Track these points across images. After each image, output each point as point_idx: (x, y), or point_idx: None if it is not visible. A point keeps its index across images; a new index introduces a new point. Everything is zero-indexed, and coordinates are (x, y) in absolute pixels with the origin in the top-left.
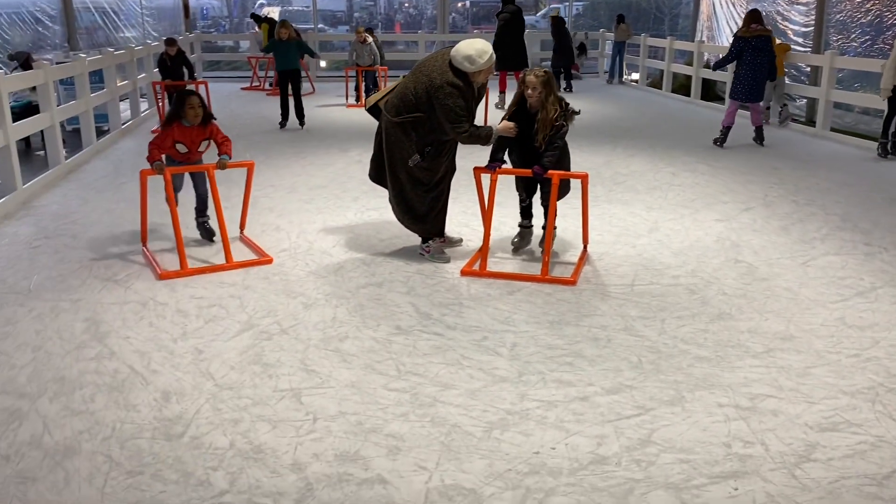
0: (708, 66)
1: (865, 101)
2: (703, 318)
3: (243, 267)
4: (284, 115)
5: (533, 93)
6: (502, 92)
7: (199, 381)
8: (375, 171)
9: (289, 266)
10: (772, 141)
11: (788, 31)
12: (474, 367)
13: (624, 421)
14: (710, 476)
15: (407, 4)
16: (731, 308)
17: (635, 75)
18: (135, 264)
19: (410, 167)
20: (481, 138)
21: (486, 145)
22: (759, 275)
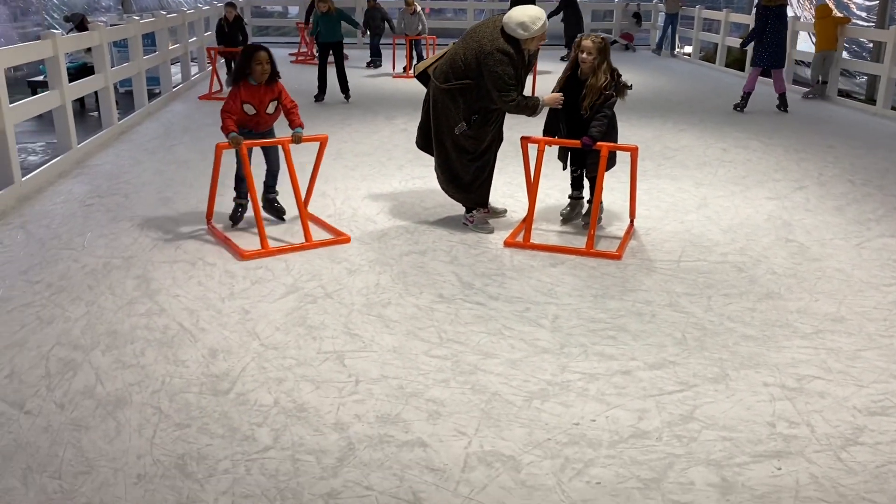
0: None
1: None
2: (751, 296)
3: (323, 246)
4: (322, 87)
5: (587, 58)
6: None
7: (246, 340)
8: (422, 138)
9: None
10: (828, 118)
11: (851, 5)
12: (516, 337)
13: (666, 396)
14: (752, 455)
15: None
16: (780, 287)
17: (688, 48)
18: (184, 225)
19: (456, 135)
20: (528, 108)
21: (533, 116)
22: (810, 255)
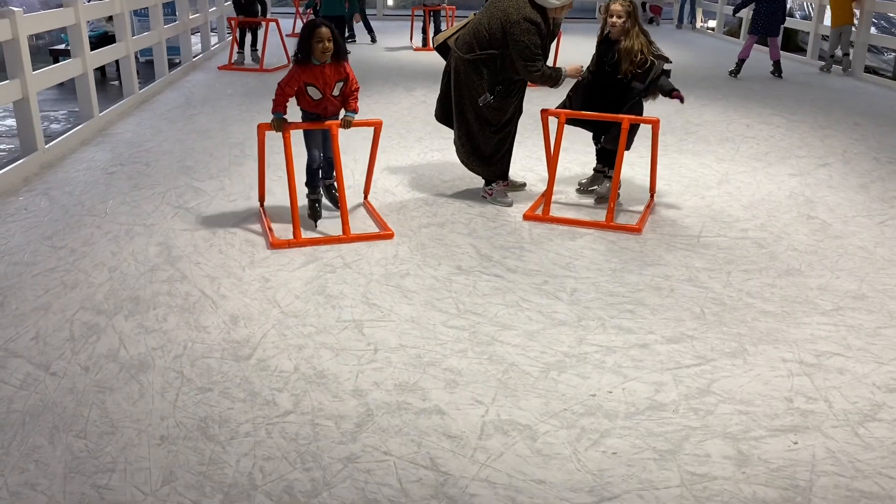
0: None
1: None
2: (771, 272)
3: (362, 241)
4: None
5: (617, 21)
6: None
7: (266, 307)
8: (442, 111)
9: (352, 203)
10: (854, 95)
11: None
12: (533, 309)
13: (683, 370)
14: (769, 429)
15: None
16: (800, 264)
17: (712, 22)
18: (204, 193)
19: (479, 107)
20: (551, 79)
21: (555, 87)
22: (832, 232)
